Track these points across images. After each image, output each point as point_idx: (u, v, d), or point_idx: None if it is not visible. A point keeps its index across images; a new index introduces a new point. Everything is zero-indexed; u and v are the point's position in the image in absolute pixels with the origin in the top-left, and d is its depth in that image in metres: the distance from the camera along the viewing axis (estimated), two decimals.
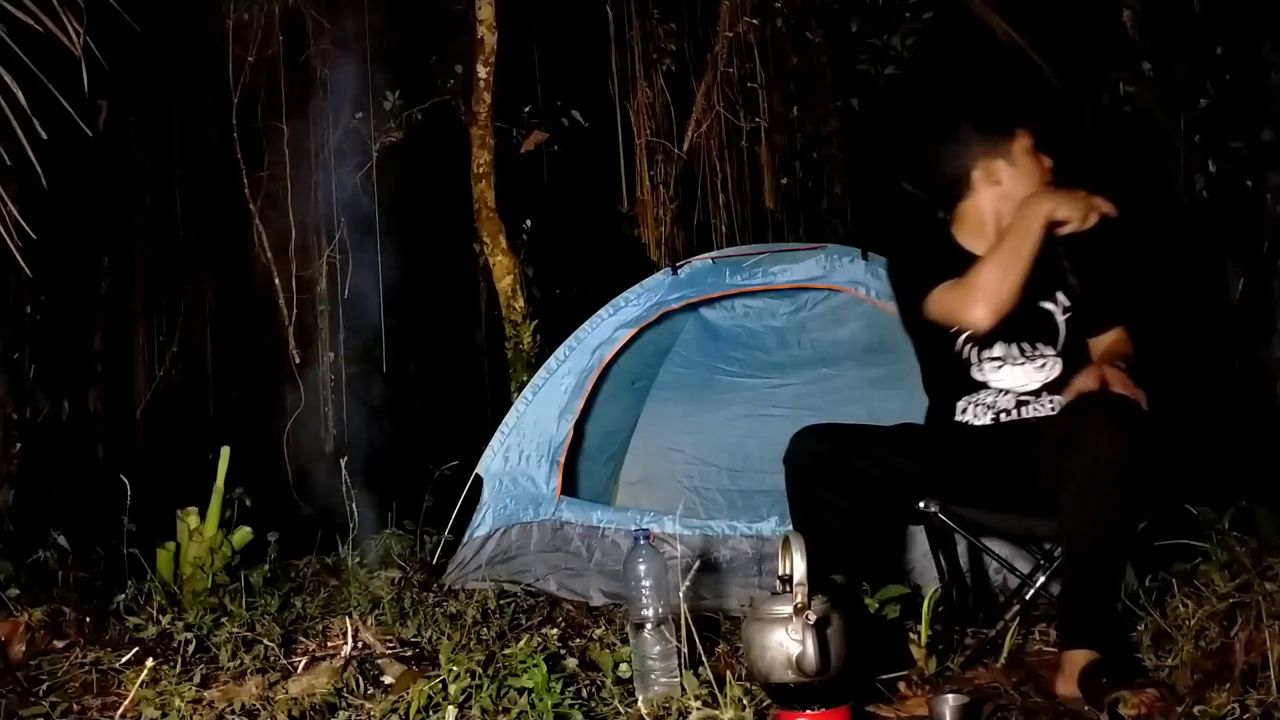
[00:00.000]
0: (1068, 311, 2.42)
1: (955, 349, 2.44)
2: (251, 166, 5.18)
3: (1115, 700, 1.88)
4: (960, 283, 2.32)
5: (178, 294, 5.63)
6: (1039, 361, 2.40)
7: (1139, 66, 5.63)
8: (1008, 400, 2.40)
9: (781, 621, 1.79)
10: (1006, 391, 2.40)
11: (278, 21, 5.08)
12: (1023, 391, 2.39)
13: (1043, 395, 2.39)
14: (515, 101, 5.49)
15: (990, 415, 2.41)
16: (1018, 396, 2.39)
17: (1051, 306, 2.43)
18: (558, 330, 4.07)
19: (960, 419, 2.44)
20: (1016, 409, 2.39)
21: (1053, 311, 2.42)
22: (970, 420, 2.43)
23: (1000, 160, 2.47)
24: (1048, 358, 2.40)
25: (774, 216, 5.88)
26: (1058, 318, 2.42)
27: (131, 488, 3.16)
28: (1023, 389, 2.39)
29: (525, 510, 3.53)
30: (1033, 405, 2.39)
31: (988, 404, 2.41)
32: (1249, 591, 2.12)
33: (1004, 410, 2.40)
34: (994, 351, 2.41)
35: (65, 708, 2.26)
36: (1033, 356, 2.40)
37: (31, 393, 4.68)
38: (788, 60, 5.89)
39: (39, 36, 2.73)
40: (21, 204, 2.86)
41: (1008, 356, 2.41)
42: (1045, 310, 2.42)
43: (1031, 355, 2.40)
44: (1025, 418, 2.38)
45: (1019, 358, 2.40)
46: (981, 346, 2.42)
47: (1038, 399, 2.39)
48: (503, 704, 2.04)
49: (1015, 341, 2.40)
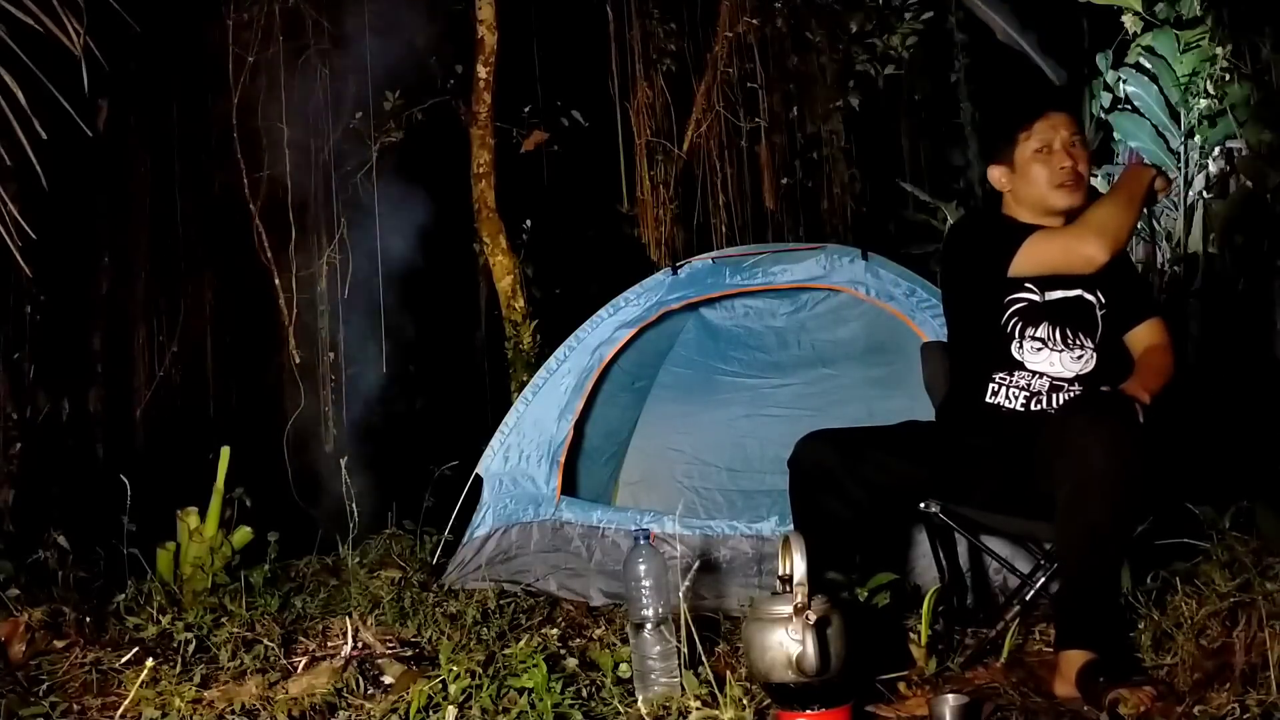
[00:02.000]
0: (1103, 308, 2.42)
1: (1000, 322, 2.42)
2: (251, 166, 5.17)
3: (1115, 700, 1.88)
4: (1066, 229, 2.37)
5: (178, 294, 5.63)
6: (1077, 352, 2.39)
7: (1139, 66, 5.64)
8: (1042, 384, 2.38)
9: (781, 621, 1.79)
10: (1042, 375, 2.39)
11: (278, 21, 5.08)
12: (1058, 378, 2.38)
13: (1075, 385, 2.37)
14: (515, 101, 5.49)
15: (1023, 398, 2.38)
16: (1053, 381, 2.38)
17: (1093, 299, 2.43)
18: (558, 330, 4.07)
19: (992, 401, 2.42)
20: (1049, 395, 2.37)
21: (1094, 304, 2.43)
22: (1002, 403, 2.40)
23: (1002, 166, 2.49)
24: (1086, 349, 2.40)
25: (774, 216, 5.89)
26: (1097, 312, 2.42)
27: (131, 488, 3.15)
28: (1058, 375, 2.38)
29: (525, 510, 3.53)
30: (1065, 394, 2.37)
31: (1021, 385, 2.39)
32: (1249, 591, 2.12)
33: (1038, 394, 2.38)
34: (1038, 331, 2.40)
35: (65, 708, 2.26)
36: (1072, 345, 2.39)
37: (31, 393, 4.68)
38: (788, 60, 5.89)
39: (39, 36, 2.73)
40: (21, 204, 2.86)
41: (1050, 340, 2.39)
42: (1088, 301, 2.42)
43: (1071, 344, 2.39)
44: (1056, 407, 2.36)
45: (1059, 344, 2.39)
46: (1027, 322, 2.40)
47: (1070, 388, 2.37)
48: (503, 704, 2.04)
49: (1060, 325, 2.40)
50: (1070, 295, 2.41)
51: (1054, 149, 2.41)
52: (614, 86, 5.58)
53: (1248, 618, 2.03)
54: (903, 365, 2.75)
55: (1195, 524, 2.52)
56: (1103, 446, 2.01)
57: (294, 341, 5.21)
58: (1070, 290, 2.41)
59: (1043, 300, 2.41)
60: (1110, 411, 2.08)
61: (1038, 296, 2.41)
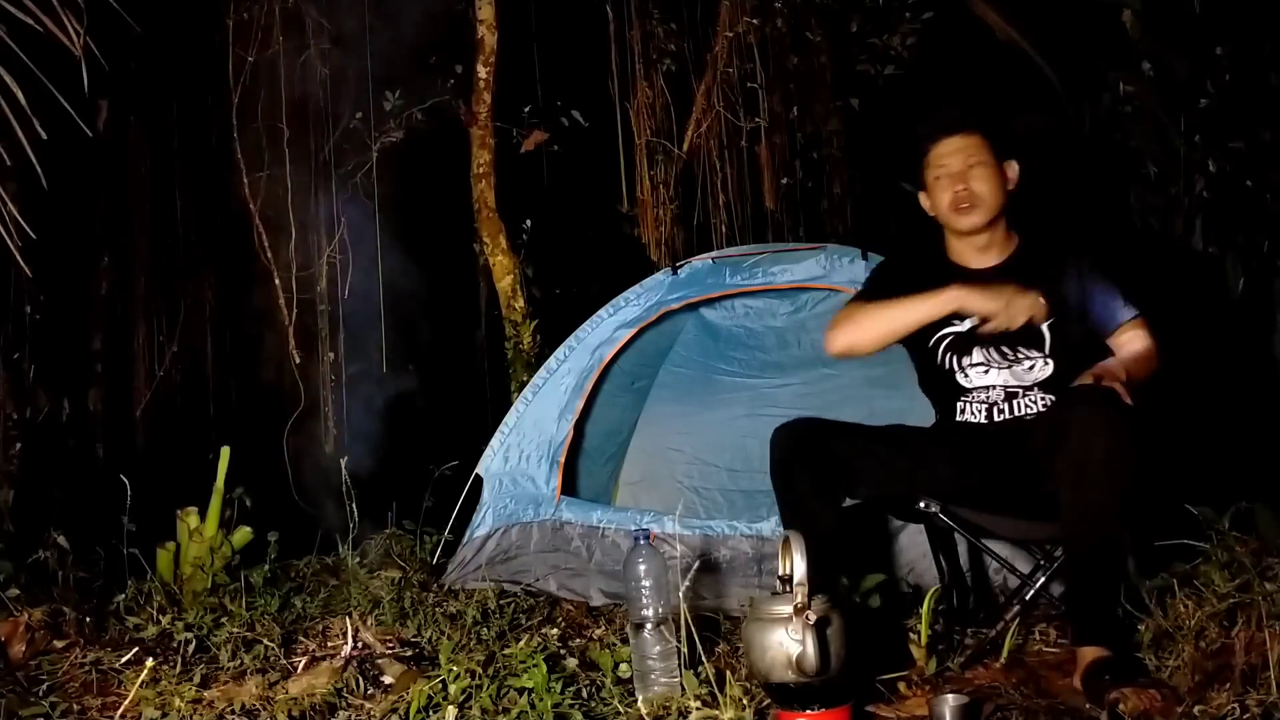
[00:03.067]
0: (1049, 317, 2.36)
1: (937, 361, 2.47)
2: (251, 166, 5.17)
3: (1115, 699, 1.88)
4: (855, 306, 2.44)
5: (178, 294, 5.63)
6: (1026, 364, 2.40)
7: (1139, 66, 5.63)
8: (997, 394, 2.41)
9: (781, 621, 1.79)
10: (995, 387, 2.42)
11: (278, 21, 5.07)
12: (1013, 387, 2.40)
13: (1034, 391, 2.40)
14: (515, 101, 5.48)
15: (984, 411, 2.42)
16: (1006, 390, 2.40)
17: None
18: (558, 330, 4.07)
19: (961, 419, 2.46)
20: (1007, 403, 2.40)
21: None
22: (969, 419, 2.44)
23: (922, 191, 2.54)
24: (1035, 359, 2.40)
25: (774, 216, 5.88)
26: (1040, 323, 2.36)
27: (131, 488, 3.15)
28: (1012, 385, 2.40)
29: (525, 510, 3.53)
30: (1023, 400, 2.40)
31: (980, 400, 2.43)
32: (1249, 591, 2.12)
33: (995, 404, 2.41)
34: (974, 358, 2.43)
35: (65, 708, 2.26)
36: (1018, 359, 2.40)
37: (31, 393, 4.68)
38: (788, 60, 5.88)
39: (39, 36, 2.73)
40: (21, 204, 2.86)
41: (989, 360, 2.42)
42: None
43: (1015, 359, 2.40)
44: (1019, 414, 2.39)
45: (1001, 362, 2.41)
46: (960, 354, 2.44)
47: (1028, 394, 2.40)
48: (503, 704, 2.04)
49: (994, 346, 2.41)
50: None
51: (952, 172, 2.44)
52: (614, 86, 5.58)
53: (1247, 618, 2.03)
54: (902, 365, 2.75)
55: (1195, 525, 2.52)
56: (1102, 437, 2.02)
57: (294, 341, 5.21)
58: None
59: (965, 329, 2.42)
60: (1105, 402, 2.08)
61: (961, 326, 2.43)
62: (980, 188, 2.43)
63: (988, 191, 2.43)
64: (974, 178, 2.43)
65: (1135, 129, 5.68)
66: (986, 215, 2.44)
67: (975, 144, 2.46)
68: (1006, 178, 2.47)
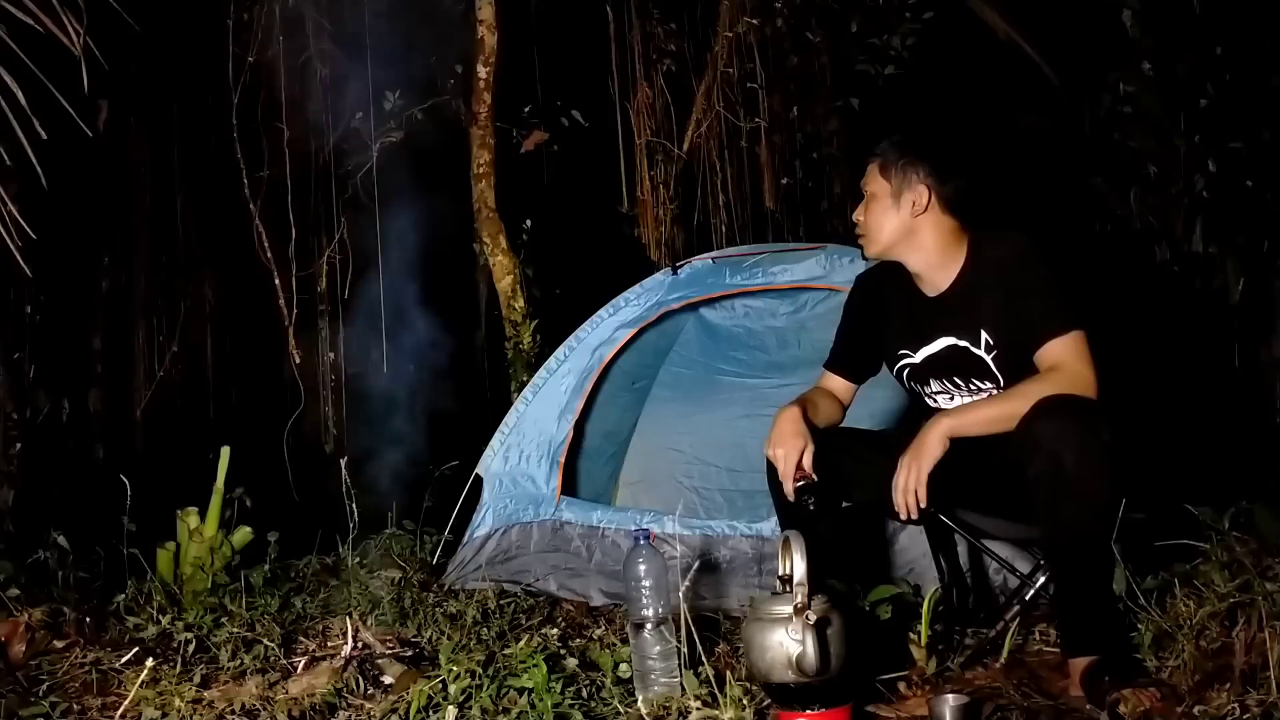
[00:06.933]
0: (992, 350, 2.27)
1: (906, 388, 2.48)
2: (251, 166, 5.18)
3: (1116, 700, 1.88)
4: (802, 399, 2.47)
5: (178, 294, 5.64)
6: (982, 395, 2.32)
7: (1139, 66, 5.64)
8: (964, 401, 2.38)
9: (781, 621, 1.79)
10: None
11: (278, 21, 5.08)
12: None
13: None
14: (515, 101, 5.48)
15: None
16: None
17: (966, 344, 2.30)
18: (558, 330, 4.07)
19: None
20: None
21: (966, 348, 2.31)
22: None
23: None
24: (987, 389, 2.32)
25: (774, 216, 5.89)
26: (984, 357, 2.28)
27: (131, 488, 3.15)
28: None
29: (525, 510, 3.53)
30: None
31: None
32: (1249, 591, 2.12)
33: None
34: (932, 386, 2.41)
35: (65, 708, 2.26)
36: (972, 390, 2.34)
37: (31, 393, 4.69)
38: (788, 60, 5.89)
39: (39, 36, 2.73)
40: (21, 204, 2.86)
41: (947, 389, 2.38)
42: (961, 348, 2.31)
43: (969, 390, 2.35)
44: None
45: (960, 390, 2.36)
46: (919, 380, 2.42)
47: None
48: (503, 704, 2.04)
49: (947, 377, 2.37)
50: (940, 348, 2.34)
51: (862, 199, 2.40)
52: (614, 86, 5.58)
53: (1247, 618, 2.03)
54: None
55: (1195, 525, 2.52)
56: (1071, 449, 1.99)
57: (294, 341, 5.21)
58: (936, 342, 2.34)
59: (919, 361, 2.39)
60: (1072, 414, 2.04)
61: (914, 358, 2.40)
62: (868, 219, 2.36)
63: (873, 224, 2.35)
64: (867, 208, 2.37)
65: (1135, 129, 5.69)
66: (875, 247, 2.36)
67: (871, 172, 2.39)
68: (909, 205, 2.31)
